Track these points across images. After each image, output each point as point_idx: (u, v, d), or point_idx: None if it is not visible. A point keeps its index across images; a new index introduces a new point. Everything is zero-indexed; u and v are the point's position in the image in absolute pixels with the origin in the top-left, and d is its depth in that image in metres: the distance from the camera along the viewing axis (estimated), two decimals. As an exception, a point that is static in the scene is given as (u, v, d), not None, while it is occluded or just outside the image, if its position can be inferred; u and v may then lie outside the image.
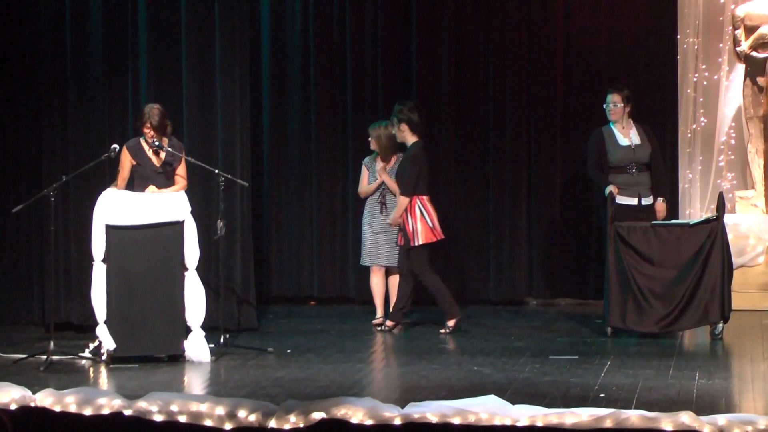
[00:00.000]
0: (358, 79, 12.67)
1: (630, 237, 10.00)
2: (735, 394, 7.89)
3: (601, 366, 8.72)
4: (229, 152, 10.61)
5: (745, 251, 11.77)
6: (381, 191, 10.95)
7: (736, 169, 12.39)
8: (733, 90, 12.35)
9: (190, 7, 10.65)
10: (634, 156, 10.44)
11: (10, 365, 9.02)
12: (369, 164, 11.05)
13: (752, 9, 12.27)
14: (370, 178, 11.01)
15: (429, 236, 10.50)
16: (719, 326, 10.01)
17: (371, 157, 11.07)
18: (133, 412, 7.00)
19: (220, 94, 10.63)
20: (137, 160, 9.60)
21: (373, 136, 10.97)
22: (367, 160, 11.09)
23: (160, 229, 9.26)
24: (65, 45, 10.84)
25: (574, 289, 12.48)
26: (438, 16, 12.57)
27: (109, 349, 9.11)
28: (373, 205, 10.98)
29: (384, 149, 10.94)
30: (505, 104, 12.50)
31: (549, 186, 12.50)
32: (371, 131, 11.01)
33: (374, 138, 10.95)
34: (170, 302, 9.24)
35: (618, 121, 10.49)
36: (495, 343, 9.91)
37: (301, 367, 8.88)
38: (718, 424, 6.53)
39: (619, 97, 10.47)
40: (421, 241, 10.46)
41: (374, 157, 11.04)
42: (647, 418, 6.59)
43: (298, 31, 12.75)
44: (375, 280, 11.02)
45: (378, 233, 10.90)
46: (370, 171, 11.02)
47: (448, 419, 6.71)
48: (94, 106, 10.81)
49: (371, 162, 11.05)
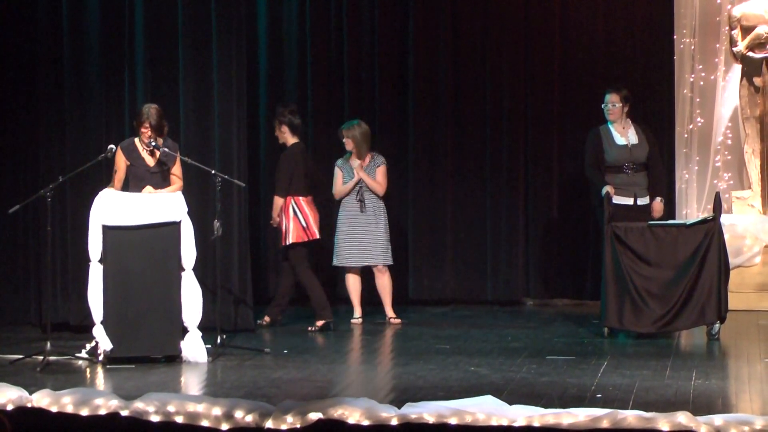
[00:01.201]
0: (355, 78, 12.67)
1: (627, 237, 10.00)
2: (732, 394, 7.89)
3: (598, 366, 8.71)
4: (226, 153, 10.61)
5: (741, 251, 11.77)
6: (359, 189, 11.02)
7: (733, 169, 12.39)
8: (729, 90, 12.35)
9: (187, 7, 10.65)
10: (631, 156, 10.45)
11: (7, 366, 9.00)
12: (342, 165, 11.14)
13: (748, 9, 12.26)
14: (345, 177, 11.07)
15: (301, 236, 10.75)
16: (716, 326, 10.01)
17: (344, 158, 11.17)
18: (129, 412, 7.00)
19: (216, 95, 10.63)
20: (131, 160, 9.59)
21: (348, 136, 11.06)
22: (339, 162, 11.18)
23: (157, 229, 9.26)
24: (62, 45, 10.84)
25: (571, 290, 12.49)
26: (435, 15, 12.58)
27: (106, 350, 9.10)
28: (351, 205, 11.03)
29: (359, 147, 11.03)
30: (503, 104, 12.51)
31: (546, 186, 12.51)
32: (345, 131, 11.09)
33: (350, 137, 11.05)
34: (167, 303, 9.23)
35: (616, 120, 10.50)
36: (492, 344, 9.91)
37: (297, 367, 8.88)
38: (715, 425, 6.53)
39: (617, 97, 10.48)
40: (291, 240, 10.74)
41: (347, 158, 11.13)
42: (644, 419, 6.60)
43: (295, 31, 12.76)
44: (350, 278, 11.10)
45: (358, 232, 10.96)
46: (344, 171, 11.09)
47: (445, 419, 6.71)
48: (90, 106, 10.80)
49: (344, 162, 11.13)
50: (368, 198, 11.00)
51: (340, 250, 11.05)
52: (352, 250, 10.98)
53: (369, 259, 11.00)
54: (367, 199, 11.00)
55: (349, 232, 10.98)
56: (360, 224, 10.98)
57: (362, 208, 10.99)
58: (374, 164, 11.06)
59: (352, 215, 11.01)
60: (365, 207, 10.98)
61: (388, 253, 11.05)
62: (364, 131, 11.05)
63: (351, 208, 11.02)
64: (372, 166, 11.05)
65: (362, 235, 10.96)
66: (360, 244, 10.96)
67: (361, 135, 11.02)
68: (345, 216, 11.04)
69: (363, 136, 11.03)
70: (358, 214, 10.99)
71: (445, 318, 11.67)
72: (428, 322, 11.32)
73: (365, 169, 11.02)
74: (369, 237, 10.95)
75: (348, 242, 10.98)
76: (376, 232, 10.97)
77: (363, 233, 10.96)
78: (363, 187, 11.01)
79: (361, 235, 10.96)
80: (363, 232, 10.96)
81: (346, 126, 11.14)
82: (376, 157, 11.11)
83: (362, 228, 10.97)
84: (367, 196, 11.00)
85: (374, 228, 10.96)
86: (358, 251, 10.98)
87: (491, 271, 12.55)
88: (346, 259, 11.02)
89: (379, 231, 10.99)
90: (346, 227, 11.01)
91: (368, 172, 11.02)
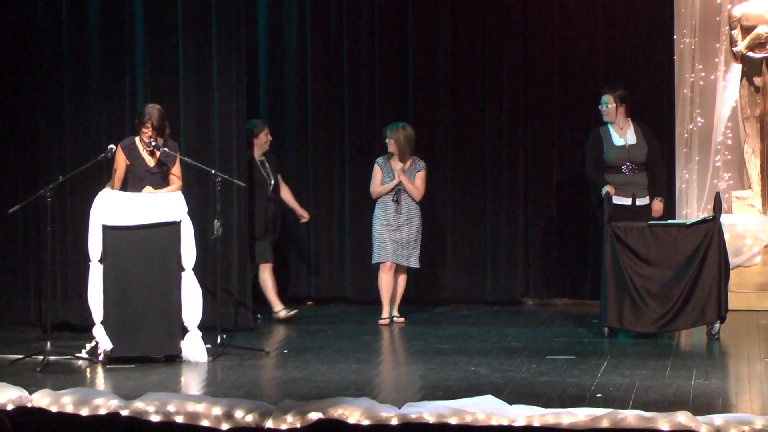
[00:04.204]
0: (354, 78, 12.67)
1: (627, 237, 10.00)
2: (732, 394, 7.89)
3: (598, 366, 8.71)
4: (226, 153, 10.61)
5: (741, 251, 11.77)
6: (397, 191, 11.04)
7: (733, 169, 12.39)
8: (729, 90, 12.35)
9: (187, 7, 10.65)
10: (629, 156, 10.44)
11: (7, 365, 9.01)
12: (383, 164, 11.15)
13: (749, 9, 12.27)
14: (384, 178, 11.06)
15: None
16: (716, 326, 10.00)
17: (385, 158, 11.17)
18: (129, 412, 7.00)
19: (216, 95, 10.63)
20: (131, 159, 9.59)
21: (392, 138, 11.09)
22: (380, 161, 11.19)
23: (157, 229, 9.26)
24: (62, 45, 10.84)
25: (571, 290, 12.49)
26: (435, 15, 12.57)
27: (106, 350, 9.10)
28: (387, 204, 11.05)
29: (402, 151, 11.06)
30: (502, 104, 12.50)
31: (546, 186, 12.50)
32: (389, 132, 11.13)
33: (393, 139, 11.09)
34: (167, 303, 9.23)
35: (613, 121, 10.50)
36: (492, 343, 9.91)
37: (297, 367, 8.88)
38: (715, 424, 6.53)
39: (611, 98, 10.48)
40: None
41: (388, 158, 11.12)
42: (644, 418, 6.59)
43: (294, 31, 12.75)
44: (384, 277, 11.06)
45: (393, 231, 10.97)
46: (384, 171, 11.09)
47: (445, 419, 6.71)
48: (91, 106, 10.80)
49: (385, 162, 11.14)
50: (404, 200, 11.03)
51: (374, 247, 11.10)
52: (388, 246, 11.00)
53: (395, 258, 11.02)
54: (403, 201, 11.02)
55: (385, 231, 11.00)
56: (393, 225, 11.00)
57: (398, 209, 11.01)
58: (414, 168, 11.10)
59: (387, 214, 11.04)
60: (401, 209, 10.99)
61: (414, 255, 11.08)
62: (409, 135, 11.10)
63: (387, 208, 11.06)
64: (412, 170, 11.09)
65: (394, 236, 10.98)
66: (392, 244, 10.98)
67: (405, 138, 11.08)
68: (381, 215, 11.07)
69: (407, 139, 11.08)
70: (393, 214, 11.02)
71: (445, 318, 11.66)
72: (428, 322, 11.32)
73: (405, 172, 11.05)
74: (399, 238, 10.97)
75: (384, 239, 11.00)
76: (407, 234, 10.99)
77: (395, 234, 10.98)
78: (401, 189, 11.03)
79: (393, 236, 10.98)
80: (395, 233, 10.98)
81: (391, 127, 11.16)
82: (417, 162, 11.14)
83: (395, 229, 10.99)
84: (403, 198, 11.02)
85: (407, 230, 10.99)
86: (393, 248, 11.00)
87: (491, 271, 12.55)
88: (377, 256, 11.06)
89: (411, 233, 11.01)
90: (381, 225, 11.03)
91: (408, 175, 11.05)
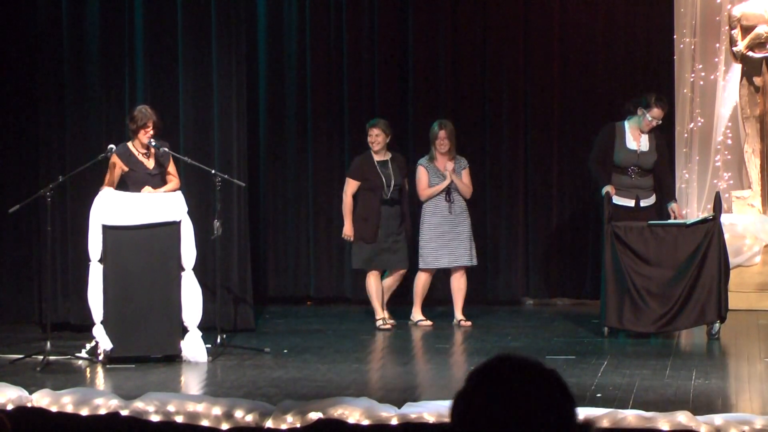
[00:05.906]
0: (354, 78, 12.67)
1: (627, 237, 10.00)
2: (732, 393, 7.90)
3: (598, 366, 8.71)
4: (226, 152, 10.61)
5: (741, 251, 11.77)
6: (449, 191, 10.87)
7: (733, 168, 12.39)
8: (729, 90, 12.35)
9: (187, 8, 10.65)
10: (638, 161, 10.38)
11: (7, 365, 9.02)
12: (427, 165, 10.93)
13: (748, 9, 12.27)
14: (432, 179, 10.91)
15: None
16: (716, 326, 10.00)
17: (427, 158, 10.95)
18: (129, 412, 7.00)
19: (216, 95, 10.63)
20: (130, 166, 9.55)
21: (447, 133, 10.82)
22: (424, 162, 10.96)
23: (157, 229, 9.26)
24: (62, 45, 10.85)
25: (570, 289, 12.49)
26: (435, 15, 12.58)
27: (106, 350, 9.10)
28: (439, 206, 10.86)
29: (452, 147, 10.91)
30: (502, 104, 12.51)
31: (546, 186, 12.51)
32: (444, 126, 10.85)
33: (448, 135, 10.84)
34: (167, 302, 9.24)
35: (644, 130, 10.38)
36: (492, 343, 9.91)
37: (297, 367, 8.88)
38: (715, 424, 6.53)
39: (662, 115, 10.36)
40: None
41: (429, 158, 10.94)
42: (644, 418, 6.60)
43: (294, 31, 12.76)
44: (424, 279, 10.93)
45: (446, 233, 10.80)
46: (429, 172, 10.90)
47: (444, 419, 6.70)
48: (91, 106, 10.81)
49: (428, 163, 10.93)
50: (456, 199, 10.91)
51: (427, 251, 10.89)
52: (441, 251, 10.86)
53: (455, 260, 10.88)
54: (455, 200, 10.93)
55: (438, 234, 10.85)
56: (447, 225, 10.86)
57: (451, 209, 10.88)
58: (460, 167, 10.95)
59: (439, 216, 10.88)
60: (453, 208, 10.92)
61: (472, 253, 10.94)
62: (453, 130, 10.92)
63: (439, 210, 10.90)
64: (458, 168, 10.93)
65: (450, 237, 10.84)
66: (449, 245, 10.84)
67: (453, 134, 10.87)
68: (432, 217, 10.89)
69: (453, 135, 10.90)
70: (447, 215, 10.88)
71: (446, 318, 11.66)
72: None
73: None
74: (456, 238, 10.85)
75: (437, 243, 10.85)
76: (462, 234, 10.86)
77: (451, 234, 10.85)
78: (453, 189, 10.91)
79: (450, 237, 10.85)
80: (451, 233, 10.85)
81: (443, 122, 10.94)
82: (460, 159, 10.98)
83: (450, 229, 10.85)
84: (455, 197, 10.93)
85: (461, 229, 10.86)
86: (448, 252, 10.85)
87: (491, 271, 12.55)
88: (435, 260, 10.90)
89: (465, 232, 10.88)
90: (434, 229, 10.87)
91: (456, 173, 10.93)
